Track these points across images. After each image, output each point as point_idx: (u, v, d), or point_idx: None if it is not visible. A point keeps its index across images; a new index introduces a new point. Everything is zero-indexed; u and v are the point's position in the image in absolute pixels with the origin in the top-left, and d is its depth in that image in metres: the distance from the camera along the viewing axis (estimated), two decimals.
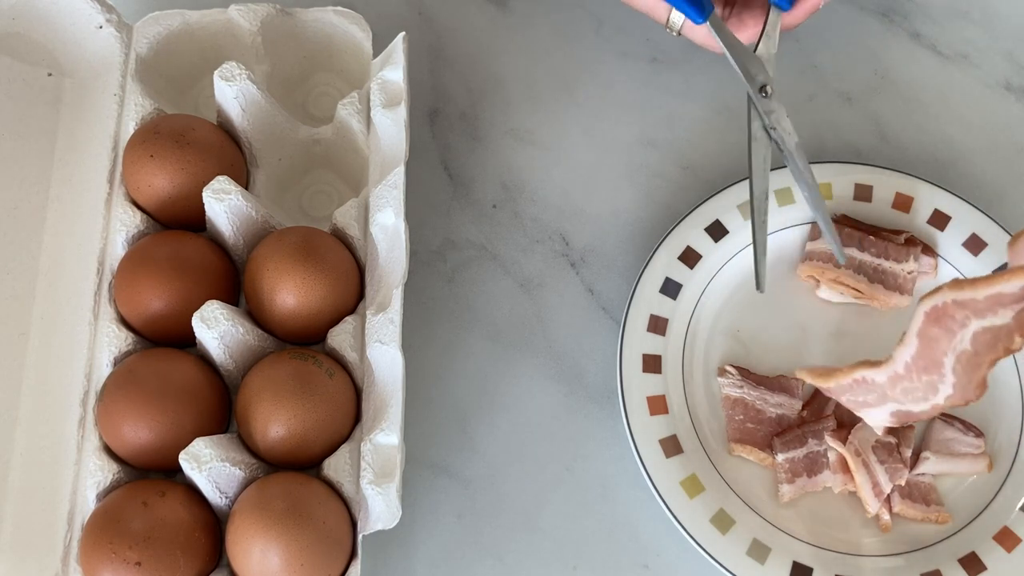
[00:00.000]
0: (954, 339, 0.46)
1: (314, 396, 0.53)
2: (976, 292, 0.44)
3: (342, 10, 0.63)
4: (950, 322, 0.46)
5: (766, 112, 0.55)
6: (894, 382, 0.49)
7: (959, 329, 0.46)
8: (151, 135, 0.58)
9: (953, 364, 0.47)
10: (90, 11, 0.62)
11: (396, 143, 0.59)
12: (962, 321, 0.45)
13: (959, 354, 0.46)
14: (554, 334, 0.62)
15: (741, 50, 0.55)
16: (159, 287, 0.55)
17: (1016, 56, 0.69)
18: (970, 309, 0.45)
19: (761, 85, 0.55)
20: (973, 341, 0.45)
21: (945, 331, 0.46)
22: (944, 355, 0.47)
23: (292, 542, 0.49)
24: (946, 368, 0.47)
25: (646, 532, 0.57)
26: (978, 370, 0.46)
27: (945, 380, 0.48)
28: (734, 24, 0.57)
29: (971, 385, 0.47)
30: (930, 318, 0.46)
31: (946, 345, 0.47)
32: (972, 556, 0.55)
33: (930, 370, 0.48)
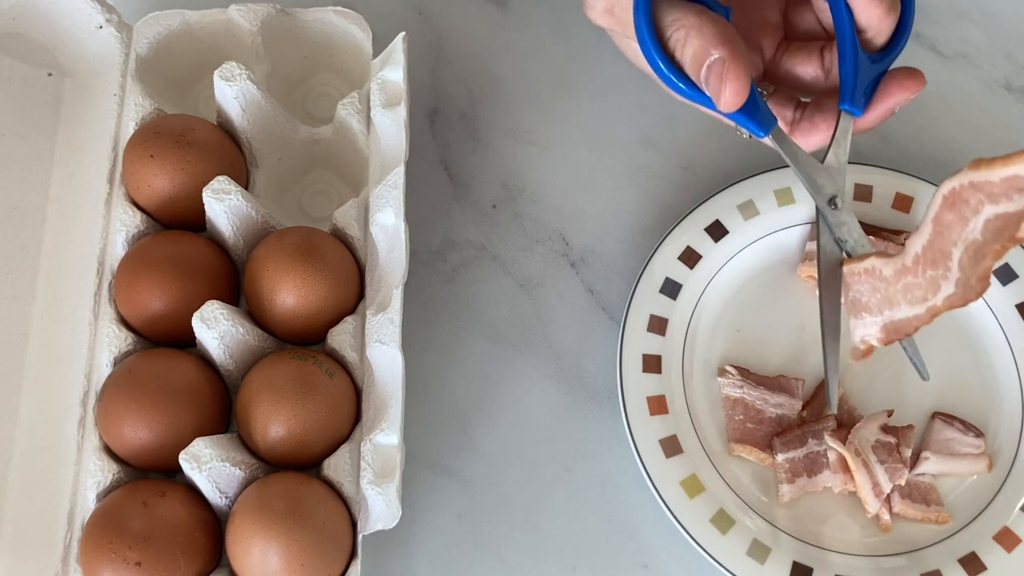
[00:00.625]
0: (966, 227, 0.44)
1: (314, 396, 0.53)
2: (992, 173, 0.41)
3: (342, 10, 0.63)
4: (964, 207, 0.43)
5: (837, 225, 0.51)
6: (899, 276, 0.47)
7: (972, 216, 0.43)
8: (151, 135, 0.58)
9: (960, 255, 0.44)
10: (90, 11, 0.62)
11: (396, 143, 0.59)
12: (975, 206, 0.43)
13: (968, 244, 0.44)
14: (554, 334, 0.62)
15: (807, 161, 0.51)
16: (159, 287, 0.55)
17: (1016, 56, 0.69)
18: (984, 192, 0.42)
19: (831, 197, 0.52)
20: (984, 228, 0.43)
21: (959, 217, 0.44)
22: (953, 245, 0.44)
23: (292, 542, 0.49)
24: (952, 260, 0.45)
25: (646, 532, 0.57)
26: (983, 261, 0.43)
27: (949, 275, 0.45)
28: (805, 128, 0.53)
29: (974, 278, 0.44)
30: (947, 202, 0.44)
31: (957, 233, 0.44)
32: (972, 556, 0.55)
33: (936, 262, 0.46)
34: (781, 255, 0.62)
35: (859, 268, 0.50)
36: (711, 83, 0.48)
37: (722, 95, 0.47)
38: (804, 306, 0.62)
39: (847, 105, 0.51)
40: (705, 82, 0.48)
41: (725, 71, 0.47)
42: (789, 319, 0.61)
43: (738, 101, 0.48)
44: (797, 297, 0.62)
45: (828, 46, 0.53)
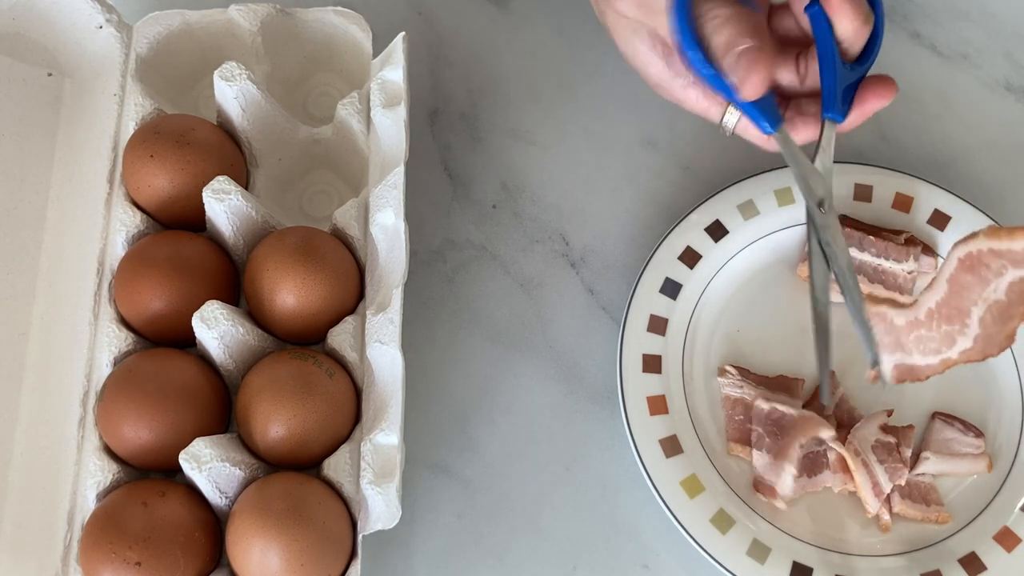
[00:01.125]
0: (987, 288, 0.45)
1: (314, 396, 0.53)
2: (1015, 243, 0.44)
3: (342, 10, 0.63)
4: (984, 270, 0.45)
5: (823, 227, 0.54)
6: (911, 328, 0.48)
7: (994, 278, 0.45)
8: (151, 135, 0.58)
9: (982, 314, 0.46)
10: (90, 11, 0.62)
11: (396, 143, 0.59)
12: (997, 270, 0.45)
13: (991, 304, 0.45)
14: (554, 334, 0.62)
15: (805, 163, 0.54)
16: (159, 287, 0.55)
17: (1016, 56, 0.69)
18: (1007, 259, 0.44)
19: (819, 200, 0.54)
20: (1008, 291, 0.44)
21: (978, 279, 0.45)
22: (973, 304, 0.46)
23: (292, 542, 0.49)
24: (972, 318, 0.46)
25: (646, 532, 0.57)
26: (1009, 322, 0.45)
27: (967, 331, 0.47)
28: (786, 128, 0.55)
29: (999, 336, 0.46)
30: (964, 264, 0.46)
31: (977, 294, 0.46)
32: (972, 556, 0.55)
33: (952, 319, 0.47)
34: (781, 255, 0.62)
35: (872, 311, 0.51)
36: (739, 69, 0.50)
37: (748, 82, 0.50)
38: (804, 306, 0.61)
39: (830, 114, 0.53)
40: (732, 68, 0.51)
41: (754, 60, 0.50)
42: (789, 319, 0.61)
43: (762, 90, 0.51)
44: (797, 297, 0.62)
45: (803, 52, 0.55)
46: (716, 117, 0.55)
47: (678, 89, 0.55)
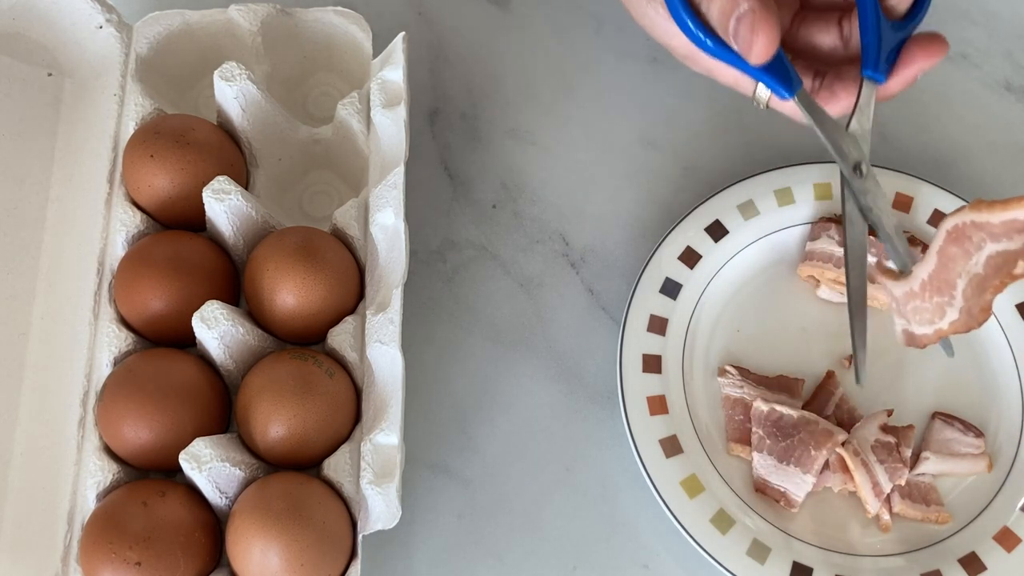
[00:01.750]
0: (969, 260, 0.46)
1: (314, 396, 0.53)
2: (993, 215, 0.44)
3: (342, 10, 0.63)
4: (967, 243, 0.46)
5: (861, 192, 0.51)
6: (907, 299, 0.49)
7: (975, 251, 0.45)
8: (151, 135, 0.58)
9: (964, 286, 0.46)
10: (90, 11, 0.62)
11: (396, 143, 0.59)
12: (978, 243, 0.45)
13: (971, 276, 0.46)
14: (554, 334, 0.62)
15: (832, 126, 0.51)
16: (159, 287, 0.55)
17: (1016, 56, 0.69)
18: (986, 232, 0.45)
19: (856, 164, 0.51)
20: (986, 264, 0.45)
21: (962, 251, 0.46)
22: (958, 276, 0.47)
23: (292, 542, 0.49)
24: (957, 290, 0.47)
25: (646, 532, 0.57)
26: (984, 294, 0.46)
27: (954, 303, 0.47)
28: (825, 96, 0.52)
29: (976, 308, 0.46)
30: (951, 236, 0.46)
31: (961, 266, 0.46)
32: (972, 556, 0.55)
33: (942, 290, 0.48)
34: (781, 255, 0.62)
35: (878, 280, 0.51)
36: (741, 35, 0.47)
37: (753, 46, 0.47)
38: (804, 306, 0.62)
39: (870, 71, 0.50)
40: (735, 35, 0.48)
41: (755, 21, 0.47)
42: (789, 319, 0.61)
43: (769, 51, 0.47)
44: (797, 297, 0.62)
45: (846, 15, 0.52)
46: (749, 88, 0.52)
47: (707, 59, 0.52)
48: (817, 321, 0.61)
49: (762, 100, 0.52)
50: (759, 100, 0.52)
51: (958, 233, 0.46)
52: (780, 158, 0.65)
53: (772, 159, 0.65)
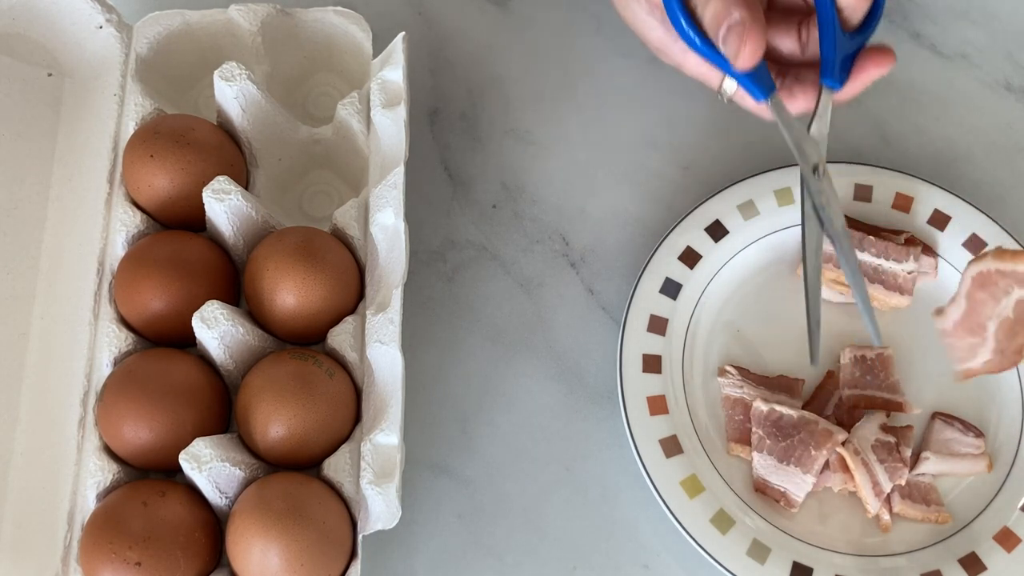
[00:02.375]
0: (998, 305, 0.48)
1: (314, 396, 0.53)
2: (1017, 265, 0.46)
3: (342, 10, 0.63)
4: (994, 288, 0.48)
5: (817, 192, 0.54)
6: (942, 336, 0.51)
7: (1003, 296, 0.47)
8: (151, 135, 0.58)
9: (995, 329, 0.48)
10: (90, 11, 0.62)
11: (396, 143, 0.59)
12: (1005, 288, 0.47)
13: (1002, 320, 0.48)
14: (554, 334, 0.62)
15: (796, 129, 0.54)
16: (159, 287, 0.55)
17: (1016, 56, 0.69)
18: (1013, 279, 0.47)
19: (815, 165, 0.54)
20: (1015, 308, 0.47)
21: (990, 296, 0.48)
22: (988, 319, 0.49)
23: (292, 542, 0.49)
24: (988, 332, 0.49)
25: (646, 532, 0.57)
26: (1016, 337, 0.48)
27: (986, 344, 0.49)
28: (784, 95, 0.55)
29: (1009, 351, 0.48)
30: (976, 282, 0.48)
31: (991, 310, 0.48)
32: (972, 556, 0.55)
33: (975, 332, 0.50)
34: (781, 255, 0.62)
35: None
36: (730, 42, 0.51)
37: (740, 54, 0.51)
38: (804, 306, 0.61)
39: (828, 80, 0.53)
40: (724, 41, 0.51)
41: (745, 32, 0.50)
42: (789, 319, 0.61)
43: (754, 60, 0.51)
44: (797, 297, 0.61)
45: (804, 20, 0.55)
46: (715, 83, 0.55)
47: (678, 54, 0.55)
48: None
49: (726, 94, 0.55)
50: (723, 94, 0.55)
51: (983, 279, 0.48)
52: (780, 158, 0.65)
53: (772, 159, 0.65)
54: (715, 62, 0.53)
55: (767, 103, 0.53)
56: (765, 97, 0.53)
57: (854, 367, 0.59)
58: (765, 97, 0.53)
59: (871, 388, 0.58)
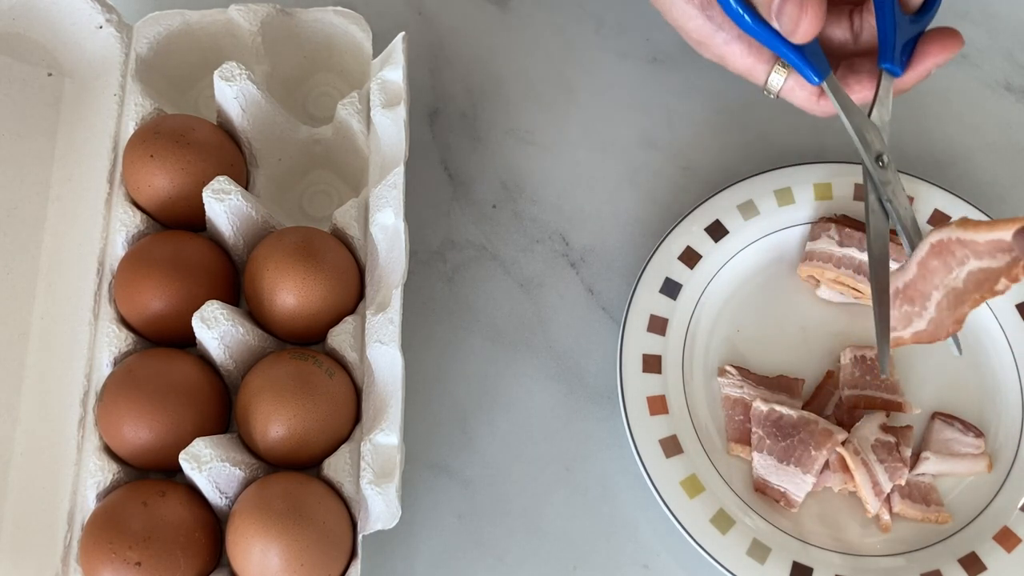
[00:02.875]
0: (950, 274, 0.47)
1: (314, 396, 0.53)
2: (979, 234, 0.45)
3: (342, 10, 0.63)
4: (950, 257, 0.47)
5: (883, 183, 0.51)
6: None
7: (956, 266, 0.47)
8: (151, 135, 0.58)
9: (940, 298, 0.48)
10: (90, 11, 0.62)
11: (396, 143, 0.59)
12: (961, 259, 0.47)
13: (949, 290, 0.47)
14: (554, 334, 0.62)
15: (857, 115, 0.51)
16: (159, 287, 0.55)
17: (1016, 56, 0.69)
18: (970, 249, 0.46)
19: (878, 154, 0.51)
20: (967, 279, 0.47)
21: (943, 264, 0.48)
22: (935, 288, 0.48)
23: (292, 542, 0.49)
24: (931, 301, 0.48)
25: (646, 532, 0.57)
26: (961, 306, 0.47)
27: (924, 314, 0.49)
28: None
29: (949, 320, 0.48)
30: (934, 249, 0.48)
31: (940, 279, 0.48)
32: (972, 556, 0.55)
33: (914, 300, 0.49)
34: (781, 255, 0.62)
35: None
36: (788, 12, 0.47)
37: (800, 24, 0.47)
38: (804, 306, 0.62)
39: (888, 64, 0.51)
40: (779, 13, 0.48)
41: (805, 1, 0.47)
42: (789, 319, 0.61)
43: (815, 29, 0.48)
44: (797, 297, 0.62)
45: (857, 9, 0.52)
46: (761, 77, 0.52)
47: (720, 45, 0.52)
48: (817, 321, 0.61)
49: (773, 89, 0.52)
50: (770, 90, 0.52)
51: (942, 247, 0.47)
52: (780, 158, 0.65)
53: (772, 159, 0.65)
54: (766, 42, 0.50)
55: (823, 86, 0.50)
56: (821, 79, 0.50)
57: (854, 367, 0.59)
58: (821, 79, 0.50)
59: (871, 388, 0.58)
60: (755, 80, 0.53)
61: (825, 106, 0.52)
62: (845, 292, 0.60)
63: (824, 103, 0.52)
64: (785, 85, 0.52)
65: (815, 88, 0.53)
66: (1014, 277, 0.44)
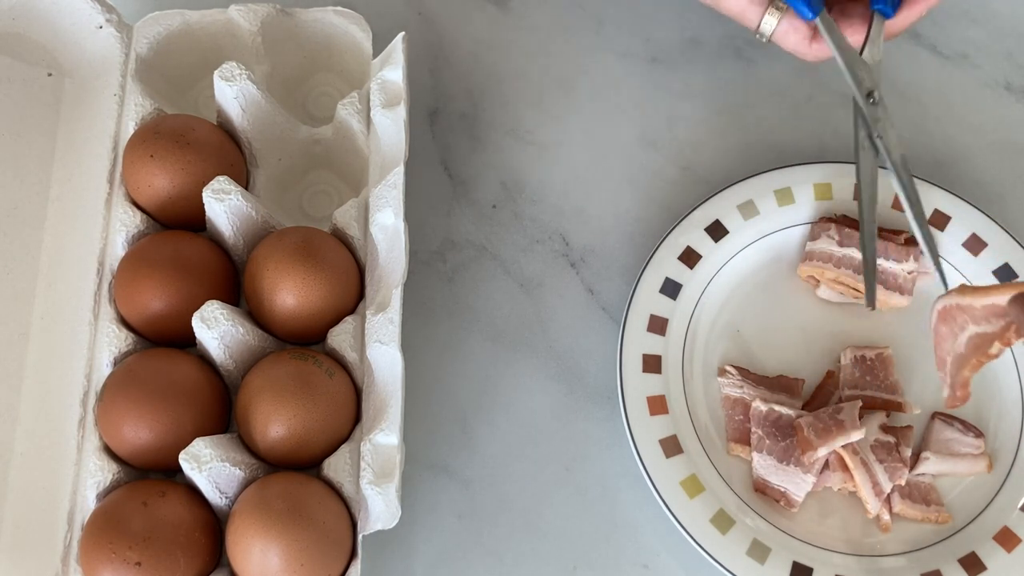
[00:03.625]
0: (955, 341, 0.48)
1: (314, 396, 0.53)
2: (976, 300, 0.46)
3: (342, 10, 0.63)
4: (953, 324, 0.48)
5: (873, 120, 0.52)
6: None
7: (959, 332, 0.48)
8: (151, 135, 0.58)
9: (950, 364, 0.49)
10: (90, 11, 0.62)
11: (396, 143, 0.59)
12: (961, 324, 0.47)
13: (955, 356, 0.48)
14: (554, 334, 0.62)
15: (849, 53, 0.51)
16: (159, 287, 0.55)
17: (1016, 56, 0.69)
18: (969, 315, 0.47)
19: (868, 91, 0.52)
20: (967, 343, 0.47)
21: (950, 331, 0.48)
22: (948, 354, 0.49)
23: (292, 542, 0.49)
24: (947, 367, 0.49)
25: (646, 532, 0.57)
26: (962, 371, 0.48)
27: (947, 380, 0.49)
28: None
29: (956, 386, 0.49)
30: (941, 316, 0.49)
31: (949, 344, 0.49)
32: (972, 556, 0.55)
33: (940, 367, 0.50)
34: (781, 255, 0.62)
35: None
36: None
37: None
38: (804, 306, 0.62)
39: (880, 5, 0.51)
40: None
41: None
42: (789, 319, 0.61)
43: None
44: (797, 297, 0.62)
45: None
46: (754, 20, 0.52)
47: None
48: (817, 321, 0.61)
49: (766, 33, 0.52)
50: (763, 33, 0.52)
51: (946, 314, 0.49)
52: (780, 158, 0.65)
53: (772, 159, 0.65)
54: None
55: (816, 22, 0.50)
56: (814, 15, 0.50)
57: (854, 367, 0.59)
58: (814, 15, 0.50)
59: (871, 388, 0.58)
60: (747, 23, 0.52)
61: (817, 50, 0.52)
62: (845, 292, 0.60)
63: (816, 47, 0.52)
64: (778, 29, 0.52)
65: (807, 31, 0.53)
66: (1007, 341, 0.45)
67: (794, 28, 0.53)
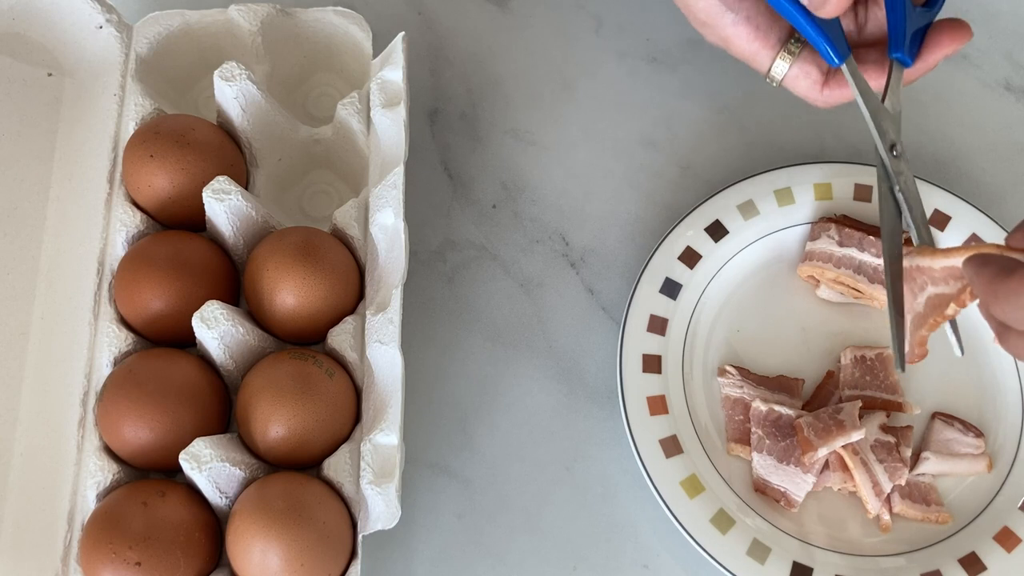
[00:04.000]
0: (915, 300, 0.49)
1: (314, 396, 0.53)
2: (935, 262, 0.47)
3: (342, 10, 0.63)
4: (913, 284, 0.49)
5: (896, 173, 0.51)
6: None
7: (919, 291, 0.48)
8: (151, 135, 0.58)
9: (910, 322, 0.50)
10: (90, 11, 0.62)
11: (396, 143, 0.59)
12: (921, 284, 0.48)
13: (915, 315, 0.49)
14: (554, 334, 0.62)
15: (874, 101, 0.50)
16: (159, 287, 0.55)
17: (1016, 56, 0.69)
18: (928, 275, 0.47)
19: (892, 144, 0.51)
20: (925, 303, 0.48)
21: (910, 290, 0.49)
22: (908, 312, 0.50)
23: (292, 542, 0.49)
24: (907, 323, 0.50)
25: (646, 532, 0.57)
26: (920, 330, 0.49)
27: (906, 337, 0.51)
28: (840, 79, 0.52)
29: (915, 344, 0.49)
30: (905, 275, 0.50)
31: (910, 303, 0.50)
32: (972, 556, 0.55)
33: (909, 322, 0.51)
34: (781, 255, 0.62)
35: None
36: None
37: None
38: (804, 306, 0.62)
39: (899, 54, 0.50)
40: None
41: None
42: (789, 319, 0.61)
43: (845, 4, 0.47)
44: (797, 297, 0.62)
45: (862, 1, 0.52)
46: (765, 63, 0.51)
47: (727, 26, 0.51)
48: (817, 321, 0.61)
49: (776, 77, 0.52)
50: (773, 78, 0.52)
51: (908, 275, 0.49)
52: (780, 158, 0.65)
53: (772, 159, 0.65)
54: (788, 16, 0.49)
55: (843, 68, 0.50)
56: (841, 60, 0.49)
57: (854, 367, 0.59)
58: (841, 60, 0.49)
59: (871, 388, 0.58)
60: (758, 67, 0.52)
61: (828, 96, 0.52)
62: (845, 292, 0.60)
63: (828, 93, 0.52)
64: (789, 73, 0.51)
65: (819, 76, 0.53)
66: (961, 303, 0.46)
67: (805, 73, 0.52)
